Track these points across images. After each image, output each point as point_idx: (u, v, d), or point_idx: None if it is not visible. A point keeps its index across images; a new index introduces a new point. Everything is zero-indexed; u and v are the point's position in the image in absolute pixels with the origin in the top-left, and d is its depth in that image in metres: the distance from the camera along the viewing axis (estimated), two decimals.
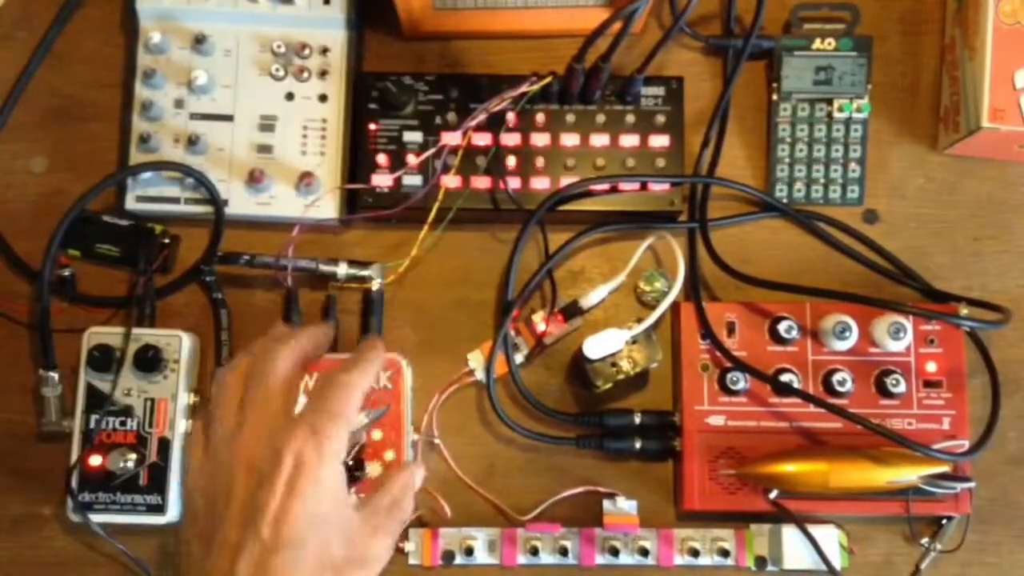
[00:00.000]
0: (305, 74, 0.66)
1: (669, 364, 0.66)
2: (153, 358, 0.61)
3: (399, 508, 0.50)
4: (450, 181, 0.64)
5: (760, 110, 0.69)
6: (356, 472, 0.61)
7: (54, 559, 0.64)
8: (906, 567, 0.65)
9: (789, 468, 0.61)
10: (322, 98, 0.66)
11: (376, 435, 0.61)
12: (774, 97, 0.68)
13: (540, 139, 0.65)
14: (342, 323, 0.66)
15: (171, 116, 0.65)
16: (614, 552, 0.63)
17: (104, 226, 0.65)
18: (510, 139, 0.65)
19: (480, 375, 0.65)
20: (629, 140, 0.65)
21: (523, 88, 0.63)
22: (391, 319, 0.66)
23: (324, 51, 0.66)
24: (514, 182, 0.64)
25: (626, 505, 0.63)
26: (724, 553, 0.63)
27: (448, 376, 0.66)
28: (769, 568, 0.64)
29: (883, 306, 0.61)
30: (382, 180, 0.64)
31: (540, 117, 0.65)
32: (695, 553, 0.63)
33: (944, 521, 0.64)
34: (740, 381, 0.63)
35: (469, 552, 0.63)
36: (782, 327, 0.63)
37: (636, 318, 0.64)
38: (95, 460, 0.61)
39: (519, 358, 0.65)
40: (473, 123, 0.63)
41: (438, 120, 0.65)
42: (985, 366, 0.64)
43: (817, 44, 0.67)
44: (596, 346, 0.61)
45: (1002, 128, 0.63)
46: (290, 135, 0.65)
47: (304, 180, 0.64)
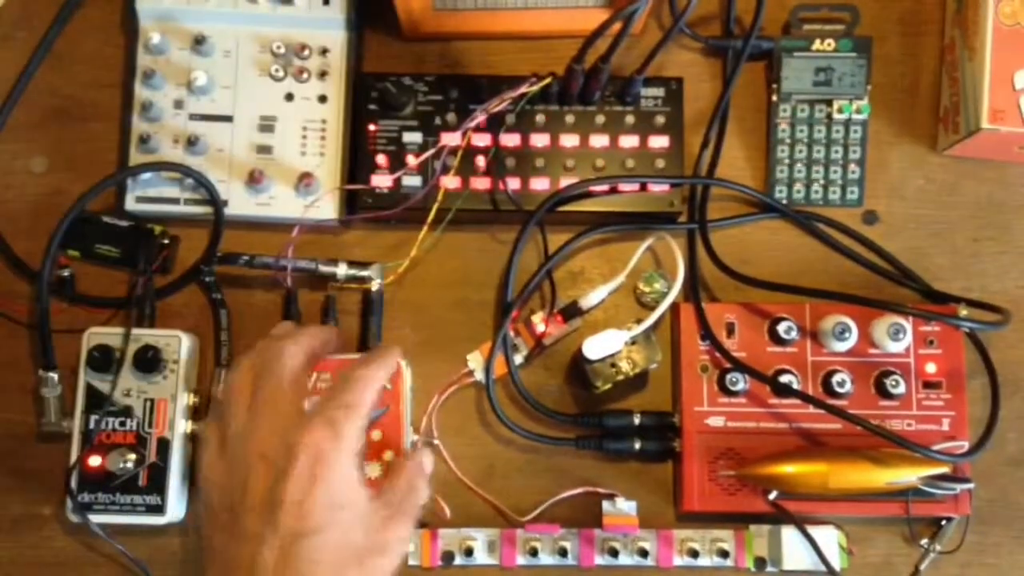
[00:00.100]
0: (305, 75, 0.66)
1: (668, 365, 0.66)
2: (153, 358, 0.61)
3: (414, 493, 0.51)
4: (450, 182, 0.64)
5: (760, 111, 0.69)
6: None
7: (54, 559, 0.64)
8: (906, 568, 0.65)
9: (788, 469, 0.61)
10: (322, 99, 0.66)
11: (375, 435, 0.61)
12: (774, 98, 0.68)
13: (540, 140, 0.65)
14: (342, 323, 0.66)
15: (171, 117, 0.65)
16: (613, 553, 0.63)
17: (104, 226, 0.65)
18: (510, 140, 0.65)
19: (479, 376, 0.65)
20: (629, 141, 0.65)
21: (523, 89, 0.63)
22: (391, 320, 0.66)
23: (324, 52, 0.66)
24: (514, 183, 0.64)
25: (625, 506, 0.63)
26: (723, 554, 0.63)
27: (447, 377, 0.66)
28: (768, 569, 0.63)
29: (882, 307, 0.61)
30: (382, 181, 0.64)
31: (540, 118, 0.65)
32: (694, 554, 0.63)
33: (944, 522, 0.64)
34: (739, 382, 0.63)
35: (469, 553, 0.63)
36: (781, 328, 0.63)
37: (636, 319, 0.64)
38: (95, 460, 0.61)
39: (518, 359, 0.65)
40: (473, 124, 0.63)
41: (438, 121, 0.65)
42: (984, 367, 0.64)
43: (817, 45, 0.67)
44: (595, 347, 0.61)
45: (1002, 129, 0.63)
46: (290, 136, 0.65)
47: (304, 181, 0.64)
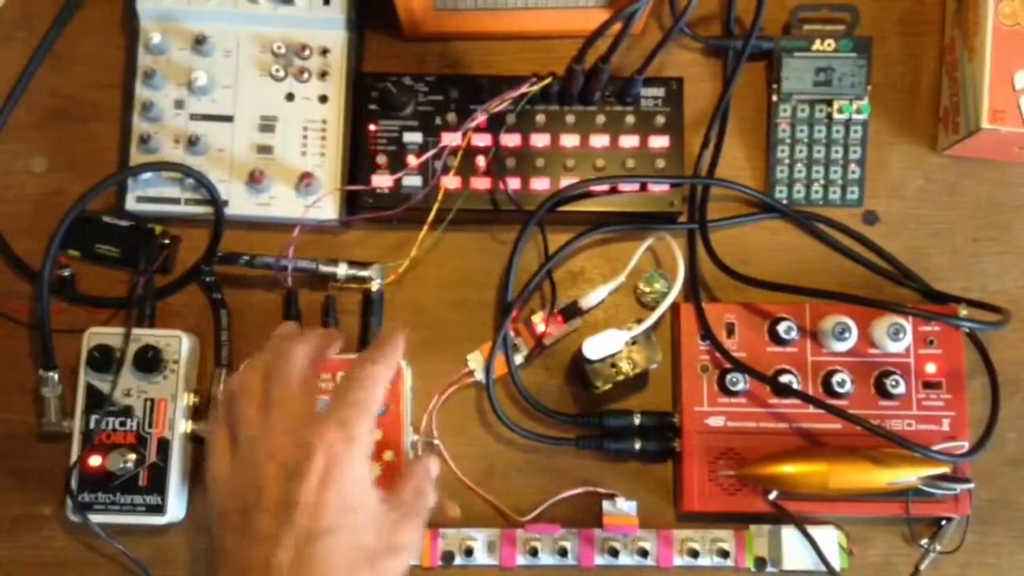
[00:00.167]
0: (305, 75, 0.66)
1: (669, 365, 0.66)
2: (153, 358, 0.61)
3: (422, 496, 0.52)
4: (450, 182, 0.64)
5: (760, 111, 0.69)
6: None
7: (54, 559, 0.64)
8: (906, 568, 0.65)
9: (789, 469, 0.61)
10: (322, 99, 0.66)
11: (376, 435, 0.61)
12: (774, 98, 0.68)
13: (540, 140, 0.65)
14: (342, 323, 0.66)
15: (171, 117, 0.65)
16: (613, 553, 0.63)
17: (104, 226, 0.65)
18: (510, 140, 0.65)
19: (480, 376, 0.65)
20: (629, 141, 0.65)
21: (523, 89, 0.63)
22: (391, 320, 0.66)
23: (324, 52, 0.66)
24: (514, 183, 0.64)
25: (626, 506, 0.63)
26: (724, 554, 0.63)
27: (448, 376, 0.66)
28: (768, 569, 0.63)
29: (882, 307, 0.61)
30: (382, 181, 0.64)
31: (540, 118, 0.65)
32: (695, 554, 0.63)
33: (944, 522, 0.64)
34: (740, 382, 0.63)
35: (469, 553, 0.63)
36: (782, 328, 0.63)
37: (636, 319, 0.64)
38: (95, 460, 0.61)
39: (519, 359, 0.65)
40: (473, 124, 0.64)
41: (438, 121, 0.65)
42: (984, 367, 0.64)
43: (817, 45, 0.67)
44: (596, 347, 0.61)
45: (1001, 129, 0.63)
46: (290, 136, 0.65)
47: (304, 181, 0.64)
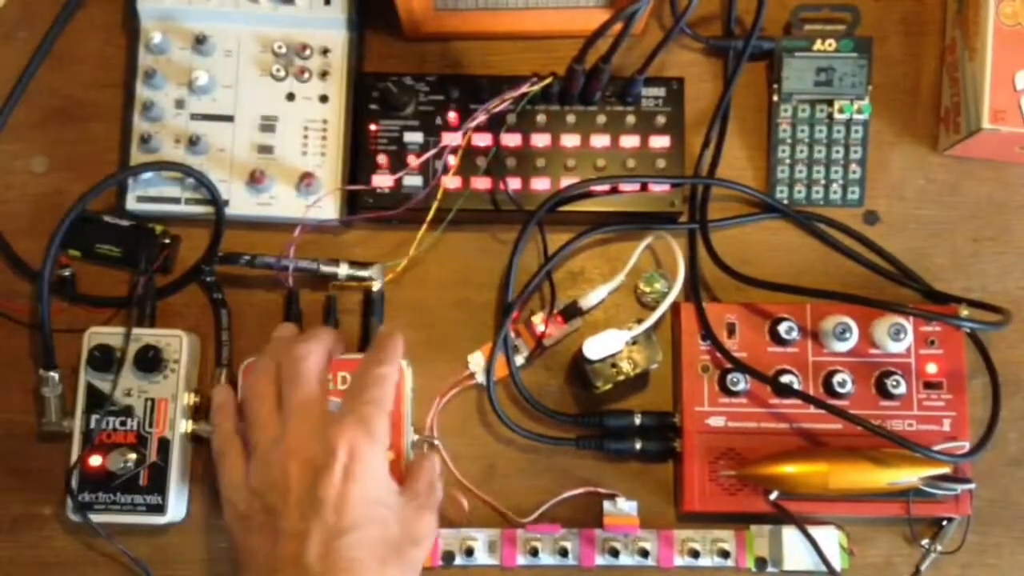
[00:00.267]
0: (306, 75, 0.66)
1: (669, 365, 0.66)
2: (153, 358, 0.61)
3: (434, 489, 0.55)
4: (450, 182, 0.64)
5: (761, 111, 0.69)
6: None
7: (54, 559, 0.64)
8: (906, 568, 0.65)
9: (789, 469, 0.61)
10: (323, 99, 0.66)
11: None
12: (775, 98, 0.68)
13: (540, 140, 0.65)
14: (343, 323, 0.66)
15: (172, 116, 0.65)
16: (614, 553, 0.63)
17: (104, 226, 0.65)
18: (510, 140, 0.65)
19: (480, 377, 0.65)
20: (629, 141, 0.65)
21: (523, 89, 0.63)
22: (391, 320, 0.66)
23: (325, 52, 0.66)
24: (514, 183, 0.64)
25: (626, 506, 0.63)
26: (724, 554, 0.63)
27: (448, 377, 0.66)
28: (769, 569, 0.63)
29: (883, 307, 0.61)
30: (383, 181, 0.64)
31: (540, 118, 0.65)
32: (695, 554, 0.63)
33: (944, 522, 0.64)
34: (740, 382, 0.63)
35: (469, 553, 0.63)
36: (782, 328, 0.63)
37: (636, 319, 0.64)
38: (95, 460, 0.61)
39: (519, 359, 0.65)
40: (473, 124, 0.63)
41: (439, 121, 0.65)
42: (985, 367, 0.64)
43: (818, 45, 0.67)
44: (596, 347, 0.61)
45: (1002, 129, 0.63)
46: (291, 136, 0.65)
47: (305, 181, 0.64)
